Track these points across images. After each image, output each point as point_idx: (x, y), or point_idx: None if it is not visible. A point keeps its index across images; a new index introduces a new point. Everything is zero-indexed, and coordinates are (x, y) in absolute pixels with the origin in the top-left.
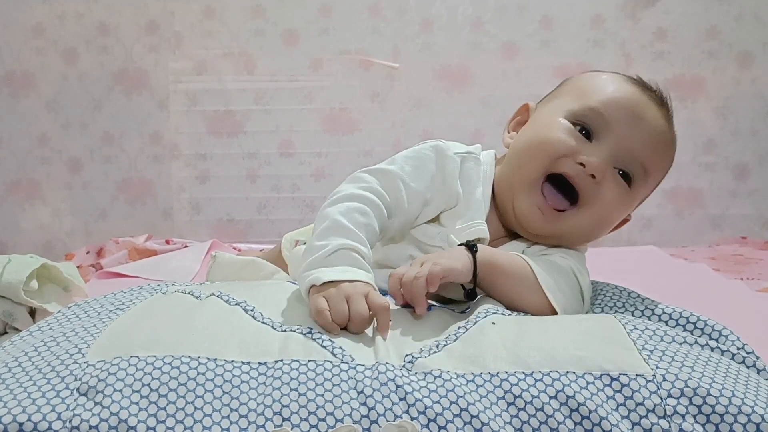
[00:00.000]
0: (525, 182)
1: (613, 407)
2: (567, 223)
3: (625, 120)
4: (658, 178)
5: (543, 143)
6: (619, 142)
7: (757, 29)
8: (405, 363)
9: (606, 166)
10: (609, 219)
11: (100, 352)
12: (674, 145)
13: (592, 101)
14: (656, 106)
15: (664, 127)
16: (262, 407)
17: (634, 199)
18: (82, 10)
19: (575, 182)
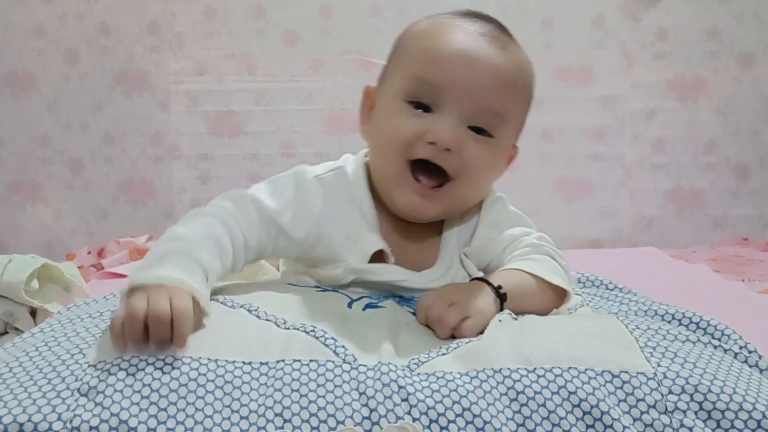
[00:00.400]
0: (393, 177)
1: (615, 402)
2: (450, 195)
3: (457, 78)
4: (519, 111)
5: (389, 138)
6: (460, 103)
7: (758, 29)
8: (410, 364)
9: (456, 133)
10: (488, 173)
11: (102, 353)
12: (520, 69)
13: (419, 71)
14: (486, 45)
15: (501, 63)
16: (263, 408)
17: (502, 144)
18: (83, 11)
19: (436, 162)
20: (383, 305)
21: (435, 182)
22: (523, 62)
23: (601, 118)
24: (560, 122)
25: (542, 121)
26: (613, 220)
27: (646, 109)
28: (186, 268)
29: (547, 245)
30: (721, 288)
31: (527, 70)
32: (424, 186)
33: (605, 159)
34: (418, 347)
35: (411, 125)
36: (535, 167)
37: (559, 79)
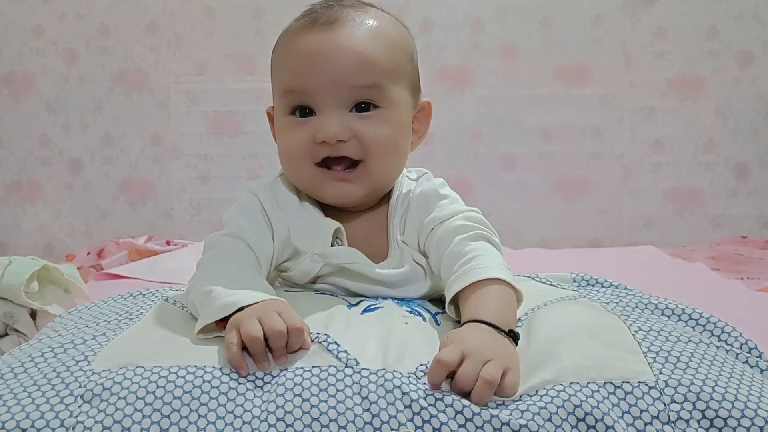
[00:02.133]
0: (310, 181)
1: (619, 415)
2: (367, 173)
3: (315, 75)
4: (395, 70)
5: (290, 153)
6: (330, 94)
7: (757, 29)
8: (417, 371)
9: (340, 124)
10: (394, 142)
11: (106, 362)
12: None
13: (285, 84)
14: (327, 32)
15: (347, 41)
16: (266, 414)
17: (395, 108)
18: (82, 11)
19: (338, 155)
20: (382, 305)
21: (346, 166)
22: (375, 28)
23: (600, 118)
24: (559, 121)
25: (541, 121)
26: (612, 219)
27: (646, 109)
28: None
29: (478, 225)
30: (719, 286)
31: (382, 31)
32: (340, 172)
33: (604, 158)
34: (420, 348)
35: (301, 134)
36: (534, 166)
37: (558, 78)
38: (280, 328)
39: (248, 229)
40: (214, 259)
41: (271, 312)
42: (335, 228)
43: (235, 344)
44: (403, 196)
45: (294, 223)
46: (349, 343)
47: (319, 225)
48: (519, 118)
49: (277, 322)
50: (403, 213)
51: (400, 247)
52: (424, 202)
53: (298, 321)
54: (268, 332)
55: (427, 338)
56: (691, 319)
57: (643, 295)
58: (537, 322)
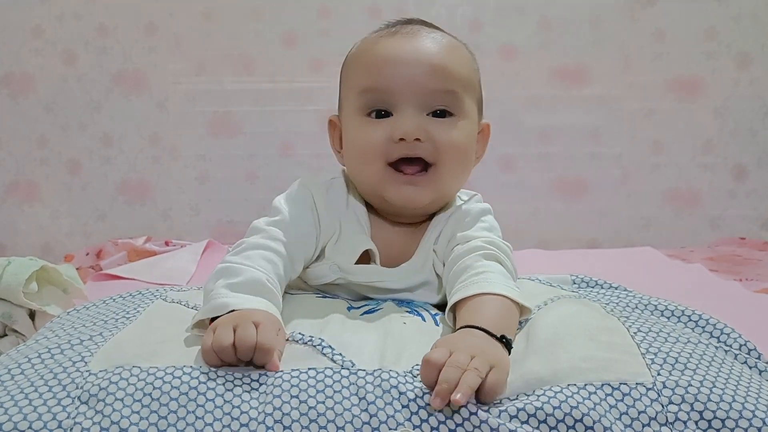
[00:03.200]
0: (379, 181)
1: (616, 417)
2: (437, 178)
3: (399, 75)
4: (468, 84)
5: (363, 151)
6: (411, 96)
7: (755, 30)
8: (413, 369)
9: (419, 123)
10: (463, 150)
11: (103, 362)
12: (450, 48)
13: (365, 84)
14: (411, 39)
15: (429, 48)
16: (263, 416)
17: (468, 119)
18: (81, 12)
19: (413, 154)
20: (381, 307)
21: (418, 169)
22: (451, 42)
23: (599, 119)
24: (558, 122)
25: (540, 122)
26: (610, 220)
27: (644, 110)
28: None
29: (497, 250)
30: (717, 287)
31: (456, 46)
32: (411, 175)
33: (603, 159)
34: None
35: (378, 132)
36: (533, 167)
37: (557, 79)
38: (250, 342)
39: (296, 223)
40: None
41: (249, 323)
42: (366, 249)
43: (207, 347)
44: (448, 213)
45: (341, 230)
46: (345, 345)
47: (354, 239)
48: (518, 118)
49: (249, 335)
50: (443, 225)
51: (428, 255)
52: (463, 218)
53: (269, 340)
54: (237, 343)
55: (425, 338)
56: (690, 320)
57: (643, 297)
58: (536, 323)
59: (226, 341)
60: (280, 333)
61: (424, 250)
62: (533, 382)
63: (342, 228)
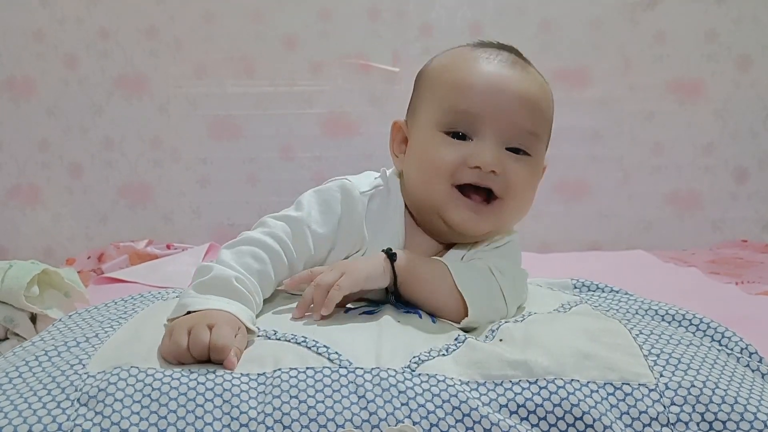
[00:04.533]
0: (442, 201)
1: (617, 416)
2: (500, 211)
3: (490, 105)
4: (547, 129)
5: (433, 167)
6: (496, 128)
7: (756, 32)
8: (410, 363)
9: (498, 156)
10: (530, 189)
11: (101, 363)
12: (543, 90)
13: (454, 103)
14: (510, 70)
15: (527, 86)
16: (263, 416)
17: (539, 162)
18: (82, 15)
19: (483, 185)
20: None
21: (483, 199)
22: (543, 83)
23: (600, 120)
24: (558, 124)
25: None
26: (611, 222)
27: (645, 112)
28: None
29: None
30: (713, 291)
31: (548, 89)
32: (476, 202)
33: (604, 161)
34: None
35: (453, 153)
36: None
37: (558, 81)
38: (202, 344)
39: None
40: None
41: (203, 325)
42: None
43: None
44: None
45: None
46: (341, 344)
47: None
48: None
49: (201, 337)
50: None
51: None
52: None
53: (222, 340)
54: (191, 344)
55: (420, 332)
56: (691, 324)
57: (644, 301)
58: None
59: (181, 344)
60: (239, 332)
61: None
62: (538, 371)
63: (373, 241)
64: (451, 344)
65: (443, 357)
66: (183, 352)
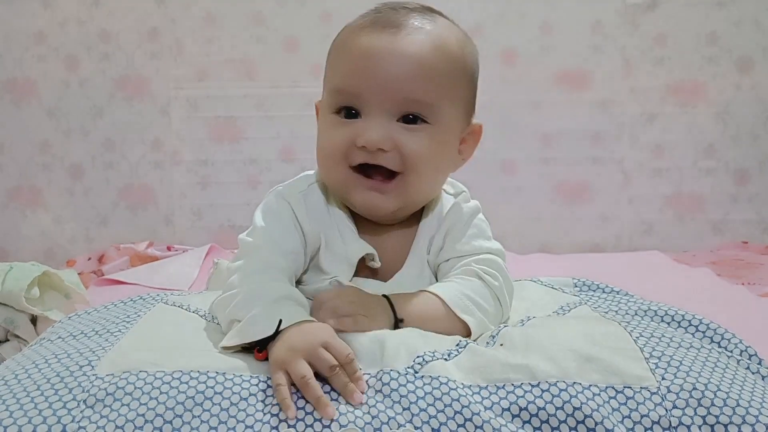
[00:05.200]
0: (343, 184)
1: (619, 419)
2: (403, 187)
3: (370, 79)
4: (452, 90)
5: (327, 151)
6: (382, 101)
7: (757, 34)
8: (414, 364)
9: (384, 132)
10: (435, 160)
11: (110, 366)
12: (439, 53)
13: (337, 83)
14: (391, 37)
15: (412, 51)
16: (269, 416)
17: (444, 127)
18: (83, 17)
19: (375, 162)
20: None
21: (384, 177)
22: (440, 39)
23: (600, 123)
24: (559, 127)
25: (541, 126)
26: (612, 224)
27: (645, 114)
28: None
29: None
30: (723, 292)
31: (445, 45)
32: (376, 181)
33: (604, 164)
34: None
35: (341, 135)
36: (535, 172)
37: (558, 83)
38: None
39: (281, 240)
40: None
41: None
42: (363, 254)
43: (284, 385)
44: (436, 214)
45: (326, 239)
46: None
47: (349, 248)
48: (519, 123)
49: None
50: (435, 231)
51: (423, 264)
52: (453, 224)
53: (346, 349)
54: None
55: (422, 334)
56: (690, 325)
57: (643, 302)
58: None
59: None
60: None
61: (417, 258)
62: (539, 374)
63: (327, 236)
64: (453, 349)
65: (445, 361)
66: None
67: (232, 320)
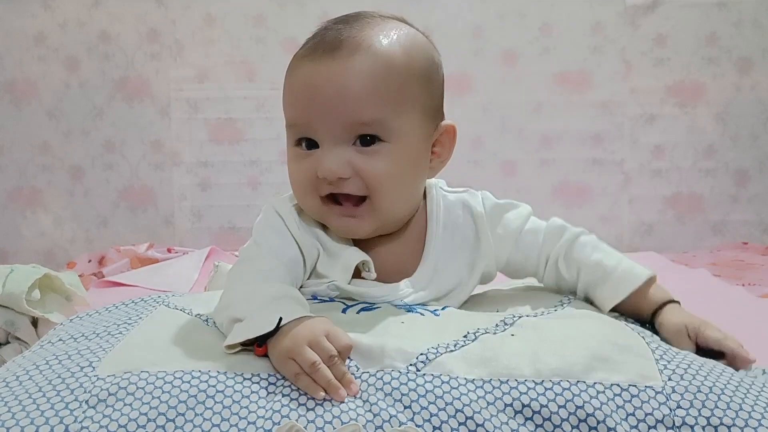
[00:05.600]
0: (318, 212)
1: (623, 417)
2: (374, 209)
3: (310, 109)
4: (406, 101)
5: (296, 186)
6: (331, 129)
7: (756, 35)
8: (417, 361)
9: (338, 161)
10: (401, 176)
11: (111, 367)
12: (382, 68)
13: (288, 117)
14: (328, 61)
15: (346, 73)
16: (271, 412)
17: (404, 141)
18: (83, 19)
19: (339, 191)
20: (378, 306)
21: (354, 202)
22: (384, 53)
23: (601, 124)
24: (559, 128)
25: (541, 127)
26: (612, 225)
27: (646, 115)
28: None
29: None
30: (722, 293)
31: (390, 54)
32: (346, 208)
33: (604, 165)
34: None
35: (303, 168)
36: (534, 173)
37: (558, 84)
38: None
39: (279, 250)
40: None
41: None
42: (359, 261)
43: (300, 372)
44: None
45: (323, 247)
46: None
47: (344, 253)
48: (519, 124)
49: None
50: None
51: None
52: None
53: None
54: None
55: (424, 329)
56: None
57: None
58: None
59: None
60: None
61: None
62: (545, 372)
63: (323, 246)
64: (460, 340)
65: (451, 353)
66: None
67: (233, 320)
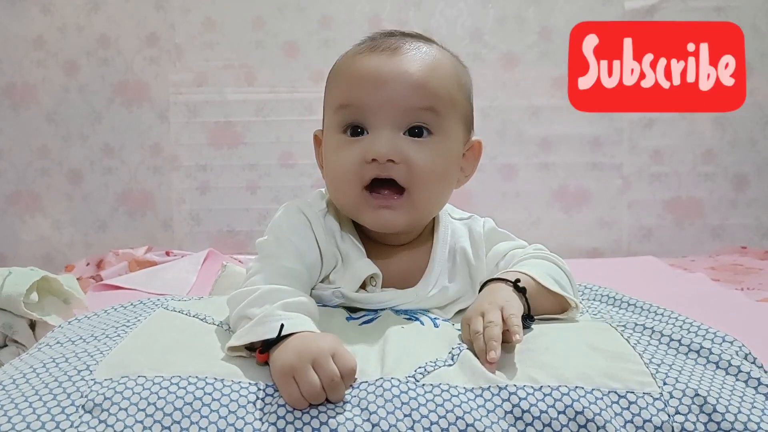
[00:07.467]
0: (355, 204)
1: (622, 424)
2: (412, 202)
3: (374, 91)
4: (452, 102)
5: (339, 172)
6: (387, 114)
7: (755, 40)
8: (416, 373)
9: (392, 143)
10: (441, 172)
11: (108, 371)
12: (436, 63)
13: (341, 100)
14: (391, 55)
15: (409, 65)
16: (267, 425)
17: (447, 139)
18: (82, 23)
19: (386, 176)
20: (380, 315)
21: (394, 193)
22: (436, 57)
23: (600, 128)
24: (558, 132)
25: (540, 131)
26: (611, 230)
27: (645, 119)
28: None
29: (547, 252)
30: (721, 297)
31: (442, 62)
32: (385, 197)
33: (604, 169)
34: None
35: (351, 154)
36: (534, 177)
37: (557, 88)
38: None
39: (302, 252)
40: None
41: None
42: (369, 274)
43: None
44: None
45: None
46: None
47: (355, 265)
48: (518, 128)
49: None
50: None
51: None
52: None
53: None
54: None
55: (424, 341)
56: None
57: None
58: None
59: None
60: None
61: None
62: (542, 378)
63: (343, 256)
64: (455, 348)
65: (449, 367)
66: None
67: (242, 316)
